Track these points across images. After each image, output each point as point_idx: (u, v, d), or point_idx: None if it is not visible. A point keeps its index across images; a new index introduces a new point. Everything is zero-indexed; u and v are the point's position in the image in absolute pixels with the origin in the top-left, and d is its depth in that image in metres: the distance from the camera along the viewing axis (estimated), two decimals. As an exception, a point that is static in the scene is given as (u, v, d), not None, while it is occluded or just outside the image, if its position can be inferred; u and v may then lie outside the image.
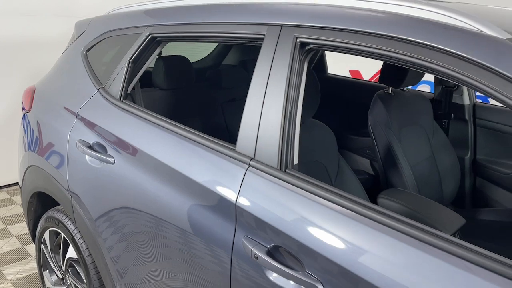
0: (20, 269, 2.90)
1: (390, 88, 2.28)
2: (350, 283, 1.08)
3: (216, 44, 3.42)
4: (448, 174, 2.33)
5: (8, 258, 3.03)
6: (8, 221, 3.55)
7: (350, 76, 5.01)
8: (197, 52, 3.55)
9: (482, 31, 1.08)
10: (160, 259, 1.63)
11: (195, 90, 2.56)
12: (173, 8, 1.83)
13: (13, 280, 2.79)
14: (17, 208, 3.76)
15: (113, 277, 1.89)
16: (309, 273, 1.15)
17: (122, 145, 1.75)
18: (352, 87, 3.23)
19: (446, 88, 2.55)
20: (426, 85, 4.59)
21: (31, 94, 2.37)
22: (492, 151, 2.43)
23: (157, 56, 2.26)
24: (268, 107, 1.35)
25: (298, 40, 1.34)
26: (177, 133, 1.61)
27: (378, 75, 2.32)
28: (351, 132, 2.90)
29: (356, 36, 1.22)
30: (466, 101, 2.46)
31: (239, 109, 1.45)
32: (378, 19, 1.24)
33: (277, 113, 1.32)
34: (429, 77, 3.17)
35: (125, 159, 1.73)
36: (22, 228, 3.42)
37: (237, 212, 1.32)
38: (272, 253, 1.22)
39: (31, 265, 2.92)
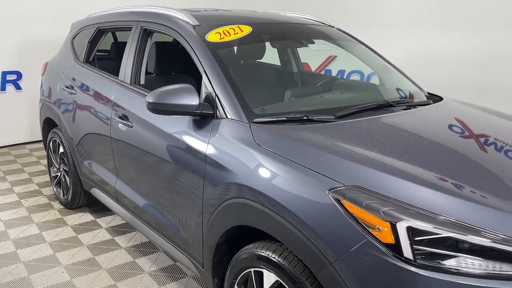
0: (49, 186, 4.70)
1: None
2: (136, 119, 2.70)
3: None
4: None
5: (42, 181, 4.85)
6: (41, 157, 5.41)
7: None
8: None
9: (184, 19, 2.68)
10: (93, 141, 3.30)
11: None
12: (106, 14, 3.54)
13: (43, 187, 4.59)
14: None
15: (78, 159, 3.60)
16: (130, 121, 2.78)
17: (80, 84, 3.46)
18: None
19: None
20: (357, 74, 5.91)
21: (46, 64, 4.15)
22: None
23: (112, 41, 3.98)
24: (129, 59, 2.99)
25: (142, 28, 2.97)
26: (106, 77, 3.28)
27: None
28: None
29: (158, 26, 2.87)
30: (295, 69, 3.96)
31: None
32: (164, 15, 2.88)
33: (131, 62, 2.96)
34: (362, 68, 4.55)
35: (81, 90, 3.43)
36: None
37: (112, 103, 2.97)
38: (120, 116, 2.85)
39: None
